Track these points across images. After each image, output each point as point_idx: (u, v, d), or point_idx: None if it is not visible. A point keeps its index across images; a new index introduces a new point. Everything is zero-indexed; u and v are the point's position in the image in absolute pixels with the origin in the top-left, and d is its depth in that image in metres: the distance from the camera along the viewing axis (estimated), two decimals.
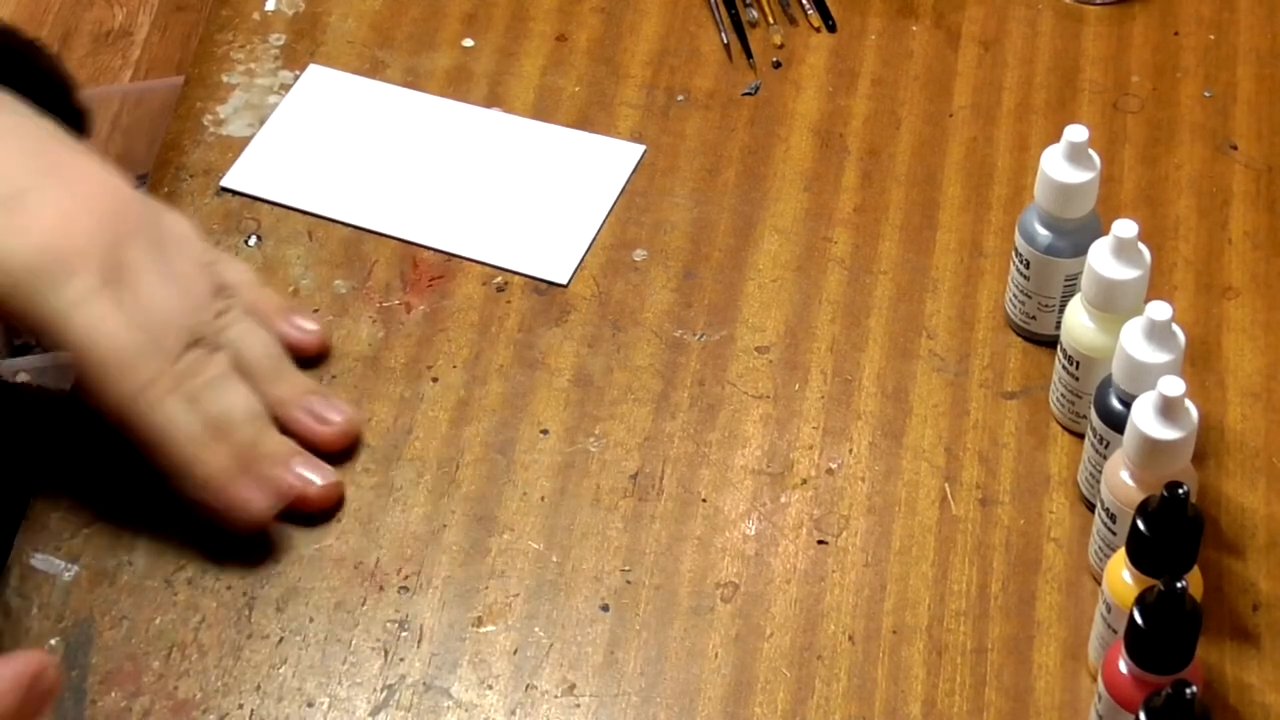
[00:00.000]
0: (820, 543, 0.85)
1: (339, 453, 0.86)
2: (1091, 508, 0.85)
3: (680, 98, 1.03)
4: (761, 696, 0.80)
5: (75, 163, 0.78)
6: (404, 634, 0.82)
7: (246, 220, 0.97)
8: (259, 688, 0.80)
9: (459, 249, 0.96)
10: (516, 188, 1.00)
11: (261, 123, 1.01)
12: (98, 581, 0.83)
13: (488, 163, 1.01)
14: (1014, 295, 0.92)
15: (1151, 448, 0.78)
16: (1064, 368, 0.87)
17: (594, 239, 0.97)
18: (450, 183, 1.00)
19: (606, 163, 1.00)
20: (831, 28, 1.07)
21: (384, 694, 0.80)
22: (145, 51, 2.09)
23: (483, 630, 0.82)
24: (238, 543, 0.84)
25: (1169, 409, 0.77)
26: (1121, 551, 0.77)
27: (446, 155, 1.01)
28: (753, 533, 0.86)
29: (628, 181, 0.99)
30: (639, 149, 1.01)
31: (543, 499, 0.87)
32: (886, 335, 0.93)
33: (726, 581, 0.84)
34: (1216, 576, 0.84)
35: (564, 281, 0.95)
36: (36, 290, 0.74)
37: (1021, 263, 0.90)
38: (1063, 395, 0.88)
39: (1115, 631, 0.77)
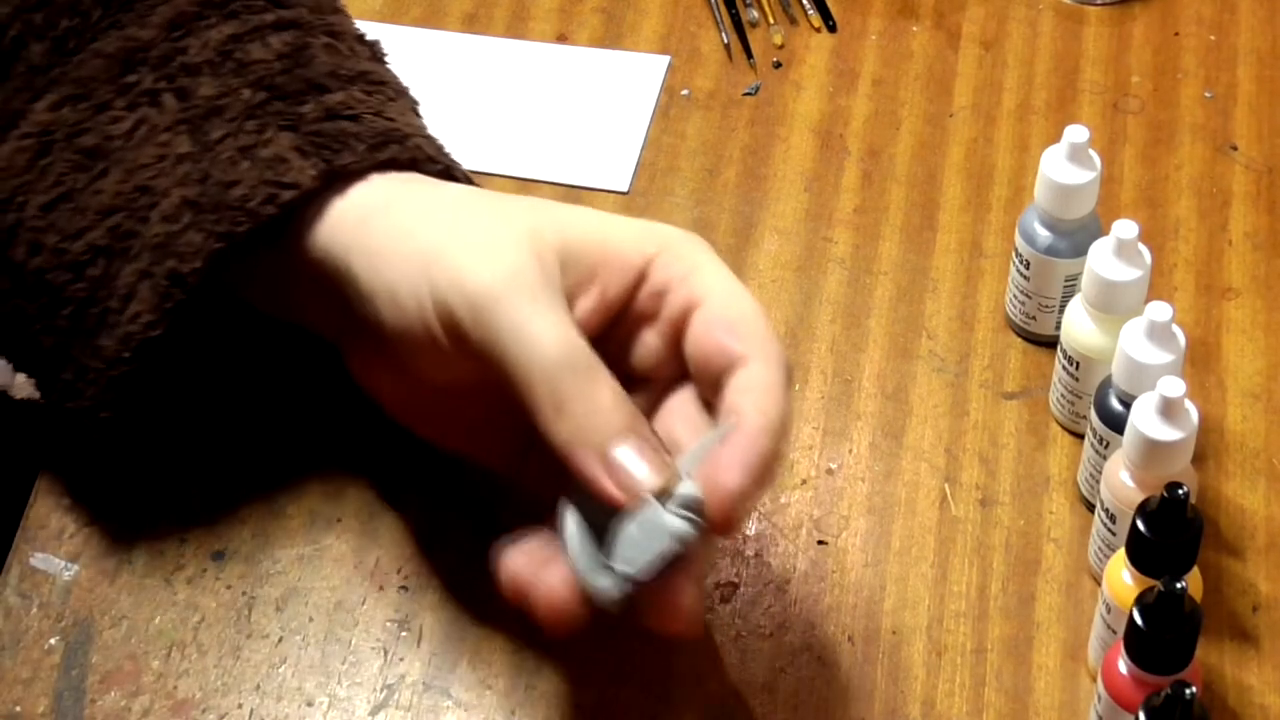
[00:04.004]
0: (820, 543, 0.85)
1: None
2: (1091, 508, 0.85)
3: (684, 92, 1.03)
4: (761, 697, 0.80)
5: (503, 199, 0.79)
6: (404, 633, 0.82)
7: None
8: (259, 687, 0.80)
9: (523, 173, 1.00)
10: (558, 110, 1.03)
11: None
12: (98, 581, 0.83)
13: (523, 90, 1.04)
14: (1014, 296, 0.92)
15: (1151, 448, 0.78)
16: (1064, 368, 0.87)
17: (641, 149, 1.00)
18: (496, 113, 1.03)
19: (635, 76, 1.04)
20: (832, 28, 1.07)
21: (384, 694, 0.80)
22: None
23: (483, 630, 0.82)
24: (238, 542, 0.84)
25: (1169, 410, 0.77)
26: (1121, 552, 0.77)
27: (487, 87, 1.04)
28: (752, 533, 0.86)
29: (660, 91, 1.03)
30: (664, 59, 1.04)
31: None
32: (886, 336, 0.93)
33: (726, 581, 0.84)
34: (1216, 577, 0.84)
35: (625, 189, 0.98)
36: (491, 309, 0.73)
37: (1021, 263, 0.90)
38: (1063, 396, 0.88)
39: (1115, 632, 0.77)
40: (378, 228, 0.77)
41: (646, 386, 0.78)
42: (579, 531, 0.73)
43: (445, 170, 0.83)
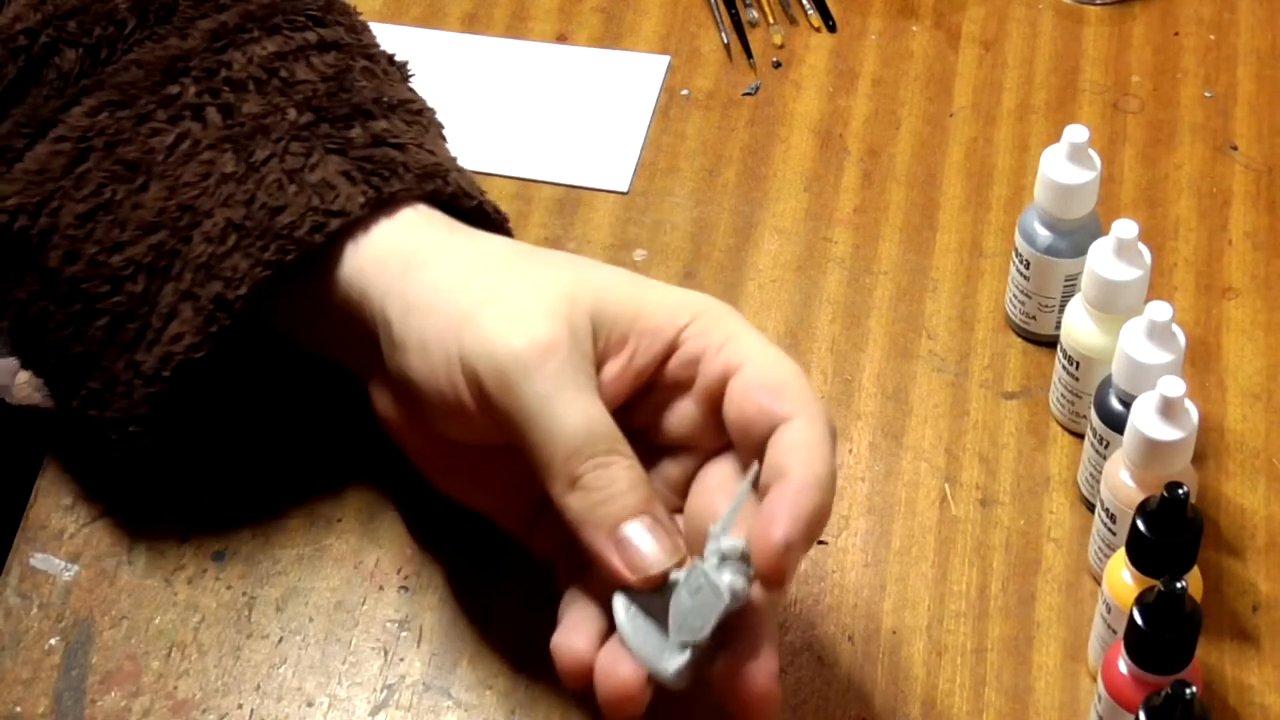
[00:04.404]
0: (820, 543, 0.85)
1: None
2: (1091, 508, 0.85)
3: (684, 92, 1.03)
4: None
5: (540, 258, 0.79)
6: (404, 634, 0.82)
7: None
8: (259, 688, 0.80)
9: (523, 173, 0.99)
10: (558, 110, 1.03)
11: None
12: (98, 581, 0.83)
13: (523, 90, 1.04)
14: (1014, 295, 0.92)
15: (1151, 448, 0.78)
16: (1064, 368, 0.87)
17: (641, 148, 1.00)
18: (496, 113, 1.03)
19: (635, 76, 1.04)
20: (832, 28, 1.07)
21: (384, 694, 0.80)
22: None
23: (483, 630, 0.82)
24: (238, 542, 0.84)
25: (1169, 409, 0.77)
26: (1121, 552, 0.77)
27: (487, 87, 1.04)
28: None
29: (660, 91, 1.03)
30: (664, 59, 1.04)
31: None
32: (886, 336, 0.93)
33: None
34: (1216, 577, 0.84)
35: (625, 189, 0.98)
36: (519, 380, 0.73)
37: (1021, 263, 0.90)
38: (1063, 395, 0.88)
39: (1115, 632, 0.77)
40: (417, 280, 0.77)
41: (685, 455, 0.78)
42: (634, 618, 0.73)
43: (478, 206, 0.83)
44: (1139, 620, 0.72)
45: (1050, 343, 0.91)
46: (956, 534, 0.86)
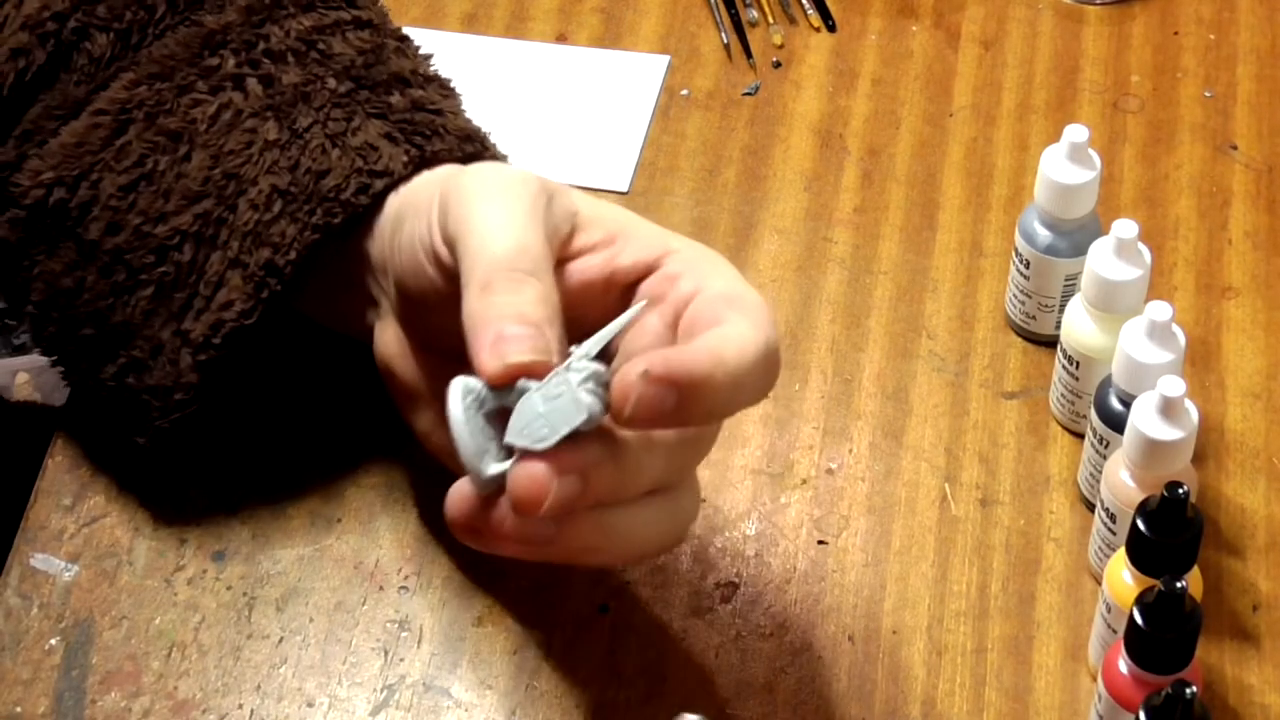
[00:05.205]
0: (820, 543, 0.85)
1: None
2: (1091, 508, 0.85)
3: (684, 91, 1.03)
4: (761, 697, 0.80)
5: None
6: (404, 634, 0.82)
7: None
8: (259, 688, 0.80)
9: None
10: (558, 110, 1.03)
11: None
12: (98, 581, 0.83)
13: (523, 90, 1.04)
14: (1014, 295, 0.92)
15: (1151, 448, 0.78)
16: (1064, 368, 0.87)
17: (641, 148, 1.00)
18: (496, 112, 1.02)
19: (635, 76, 1.04)
20: (831, 27, 1.07)
21: (384, 694, 0.80)
22: None
23: (483, 630, 0.82)
24: (238, 542, 0.84)
25: (1169, 409, 0.77)
26: (1121, 551, 0.77)
27: (487, 87, 1.04)
28: (753, 533, 0.86)
29: (660, 91, 1.03)
30: (664, 59, 1.04)
31: None
32: (886, 335, 0.93)
33: (726, 581, 0.84)
34: (1216, 577, 0.84)
35: (625, 189, 0.98)
36: (473, 199, 0.73)
37: (1021, 263, 0.90)
38: (1063, 395, 0.88)
39: (1115, 631, 0.77)
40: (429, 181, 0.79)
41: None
42: (470, 408, 0.69)
43: None
44: (1139, 620, 0.72)
45: (1050, 343, 0.91)
46: (956, 534, 0.86)
